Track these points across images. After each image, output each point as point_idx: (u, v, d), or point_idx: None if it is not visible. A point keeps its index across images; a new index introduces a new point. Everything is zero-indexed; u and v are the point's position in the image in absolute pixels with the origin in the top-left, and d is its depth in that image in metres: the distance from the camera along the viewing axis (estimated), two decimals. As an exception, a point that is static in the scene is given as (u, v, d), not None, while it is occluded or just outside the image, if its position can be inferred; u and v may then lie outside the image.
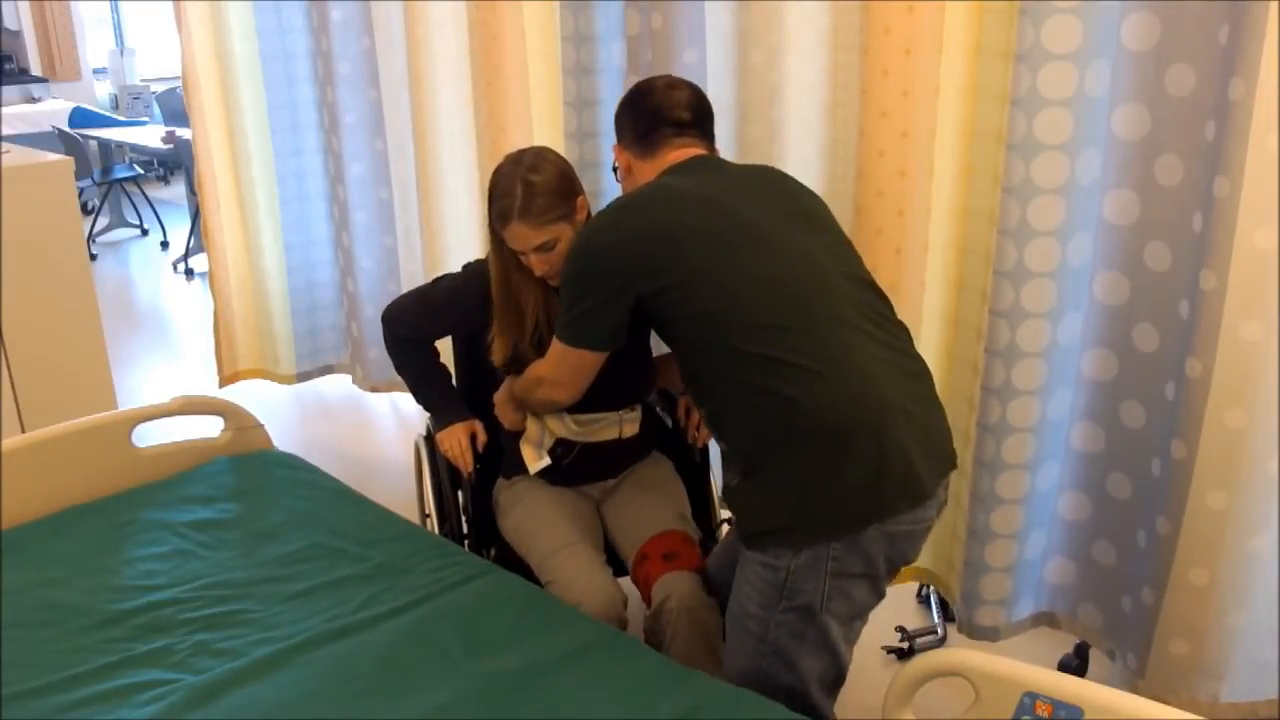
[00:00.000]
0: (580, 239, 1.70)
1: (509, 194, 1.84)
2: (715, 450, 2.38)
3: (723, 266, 1.58)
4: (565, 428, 2.05)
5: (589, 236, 1.68)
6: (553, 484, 2.11)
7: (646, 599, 1.93)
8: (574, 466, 2.09)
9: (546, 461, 2.05)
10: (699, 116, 1.83)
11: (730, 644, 1.71)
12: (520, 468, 2.10)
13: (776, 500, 1.56)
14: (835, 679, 1.67)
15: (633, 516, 2.08)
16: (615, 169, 1.91)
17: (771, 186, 1.75)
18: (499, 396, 2.07)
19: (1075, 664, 2.31)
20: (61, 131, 6.36)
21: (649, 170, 1.81)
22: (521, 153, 1.90)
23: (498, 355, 1.99)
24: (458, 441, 2.13)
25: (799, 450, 1.52)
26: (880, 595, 1.64)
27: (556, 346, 1.75)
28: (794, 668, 1.63)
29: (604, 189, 2.64)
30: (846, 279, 1.64)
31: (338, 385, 3.97)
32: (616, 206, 1.70)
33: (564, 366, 1.76)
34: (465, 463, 2.12)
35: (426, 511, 2.46)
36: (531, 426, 2.06)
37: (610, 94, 2.63)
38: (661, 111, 1.80)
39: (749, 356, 1.55)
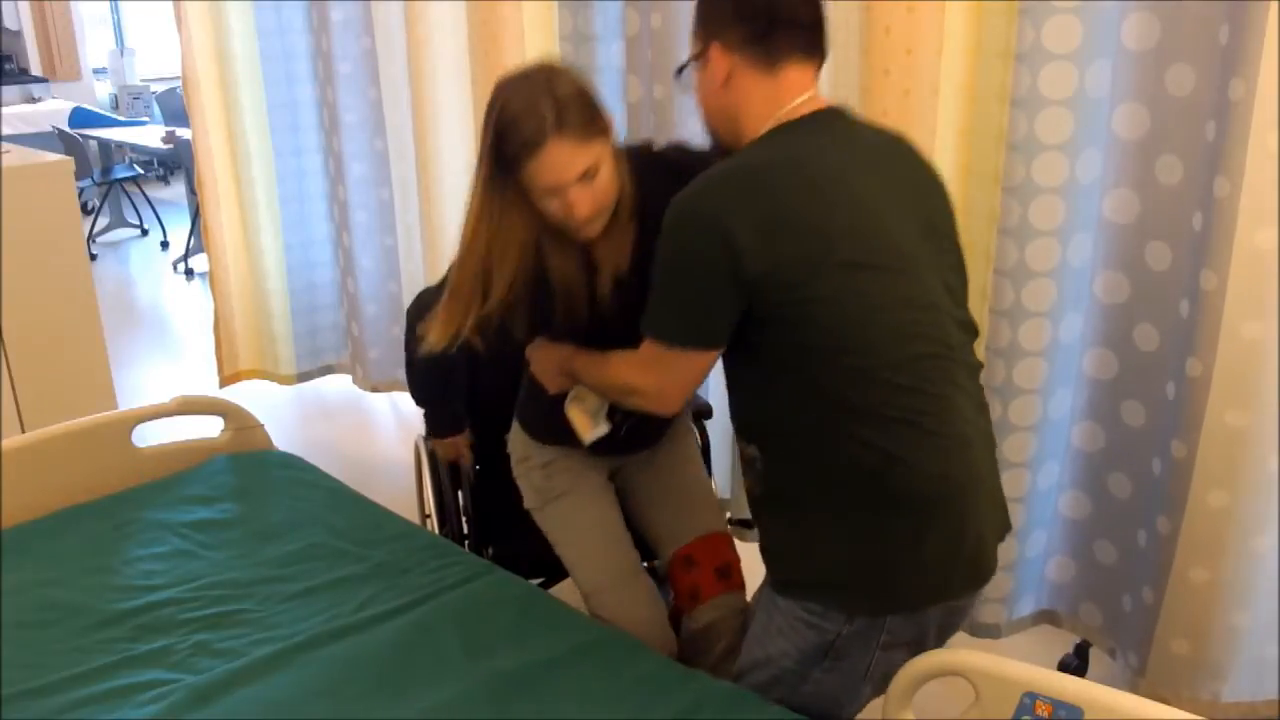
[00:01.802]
0: (690, 206, 1.33)
1: (532, 113, 1.41)
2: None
3: (858, 297, 1.31)
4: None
5: (705, 204, 1.32)
6: (598, 453, 1.83)
7: (682, 601, 1.84)
8: (630, 433, 1.81)
9: (604, 430, 1.74)
10: (821, 20, 1.41)
11: (747, 683, 1.56)
12: (559, 434, 1.79)
13: (834, 556, 1.39)
14: None
15: (672, 504, 1.90)
16: (685, 71, 1.47)
17: (908, 178, 1.43)
18: (543, 361, 1.74)
19: (1075, 664, 2.31)
20: (61, 131, 6.36)
21: (764, 96, 1.39)
22: (523, 70, 1.48)
23: (521, 331, 1.65)
24: (449, 450, 2.15)
25: (882, 513, 1.35)
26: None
27: (656, 351, 1.40)
28: (822, 717, 1.51)
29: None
30: (959, 326, 1.42)
31: (338, 385, 3.97)
32: (739, 172, 1.33)
33: (671, 374, 1.41)
34: (466, 459, 2.15)
35: (426, 511, 2.46)
36: (589, 392, 1.72)
37: (610, 94, 2.63)
38: (782, 6, 1.37)
39: (858, 409, 1.32)
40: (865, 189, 1.35)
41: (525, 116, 1.42)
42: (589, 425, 1.72)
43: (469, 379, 2.50)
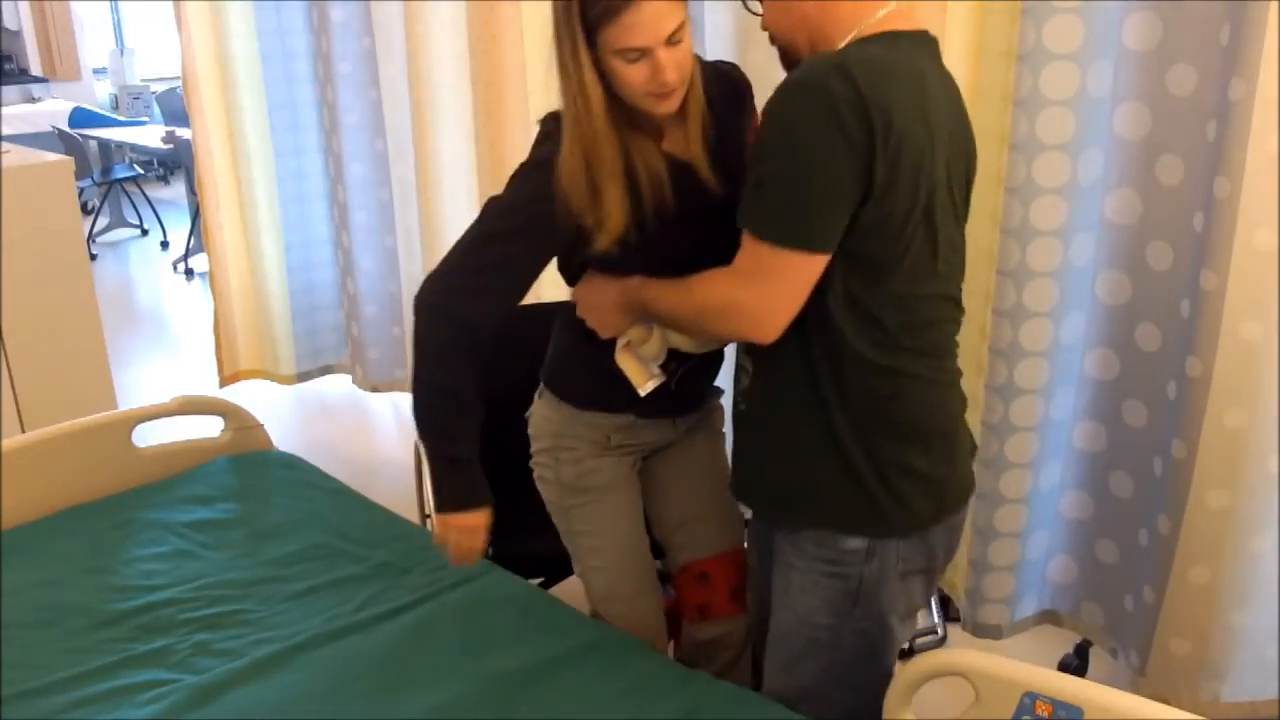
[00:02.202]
0: (804, 86, 1.21)
1: None
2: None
3: (925, 226, 1.27)
4: (683, 336, 1.56)
5: (826, 87, 1.19)
6: (646, 416, 1.66)
7: (688, 612, 1.79)
8: (679, 390, 1.64)
9: (659, 380, 1.58)
10: None
11: (784, 658, 1.52)
12: (605, 396, 1.63)
13: (840, 483, 1.37)
14: (888, 681, 1.51)
15: (695, 512, 1.77)
16: None
17: (964, 133, 1.38)
18: (599, 297, 1.54)
19: (1075, 664, 2.31)
20: (61, 131, 6.36)
21: (854, 3, 1.30)
22: None
23: (607, 239, 1.43)
24: (470, 536, 1.58)
25: (886, 440, 1.35)
26: (932, 592, 1.51)
27: (761, 256, 1.25)
28: (865, 674, 1.49)
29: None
30: (959, 277, 1.43)
31: (338, 385, 3.97)
32: (876, 63, 1.22)
33: (778, 285, 1.26)
34: (459, 562, 1.63)
35: (426, 512, 2.46)
36: (649, 335, 1.55)
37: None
38: None
39: (887, 332, 1.31)
40: (945, 127, 1.31)
41: None
42: (643, 374, 1.56)
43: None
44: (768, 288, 1.27)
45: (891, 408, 1.35)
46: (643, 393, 1.57)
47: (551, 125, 1.46)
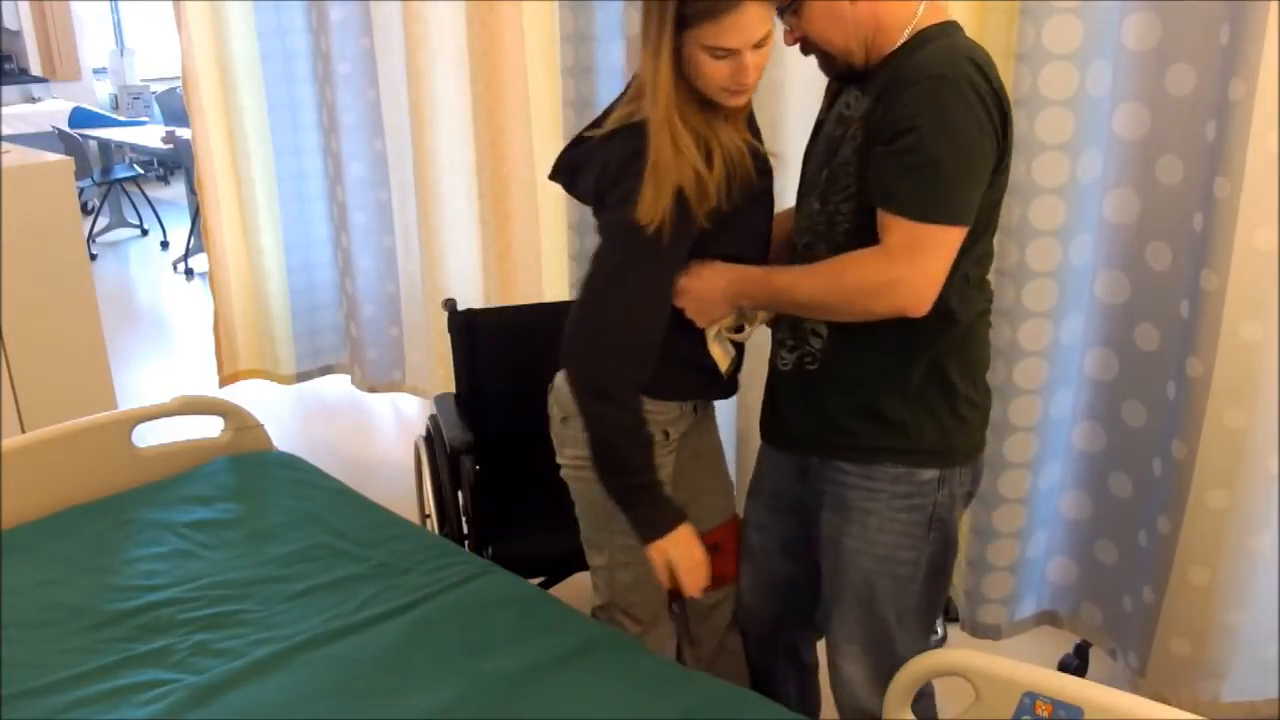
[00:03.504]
0: (951, 79, 1.33)
1: None
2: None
3: (999, 189, 1.43)
4: (760, 316, 1.62)
5: (969, 77, 1.33)
6: (722, 398, 1.72)
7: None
8: (733, 372, 1.70)
9: (732, 356, 1.65)
10: None
11: (863, 599, 1.57)
12: (683, 384, 1.64)
13: (926, 422, 1.49)
14: (946, 592, 1.67)
15: (705, 483, 1.80)
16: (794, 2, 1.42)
17: None
18: (708, 283, 1.53)
19: (1075, 664, 2.31)
20: (61, 131, 6.36)
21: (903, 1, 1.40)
22: None
23: (706, 206, 1.47)
24: (691, 550, 1.56)
25: (967, 374, 1.50)
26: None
27: (915, 233, 1.34)
28: (937, 591, 1.60)
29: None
30: None
31: (338, 385, 3.97)
32: (973, 51, 1.37)
33: (932, 259, 1.35)
34: (699, 584, 1.58)
35: (426, 512, 2.46)
36: (741, 321, 1.61)
37: (610, 94, 2.63)
38: None
39: (969, 285, 1.45)
40: None
41: None
42: (726, 359, 1.63)
43: (471, 379, 2.50)
44: (925, 262, 1.35)
45: (965, 349, 1.49)
46: (725, 372, 1.64)
47: (635, 141, 1.46)
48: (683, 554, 1.55)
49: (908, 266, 1.35)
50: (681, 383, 1.63)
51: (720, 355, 1.62)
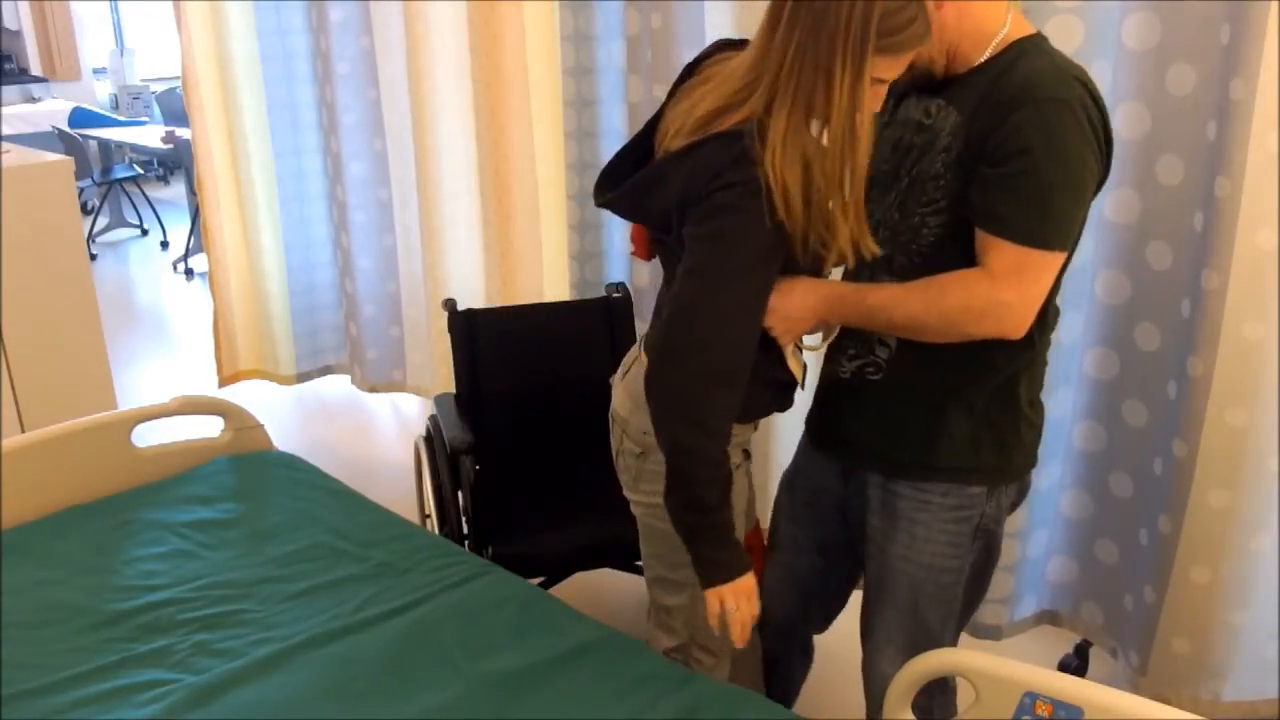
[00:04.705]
0: (1063, 102, 1.31)
1: (916, 13, 1.28)
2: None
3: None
4: (835, 328, 1.59)
5: (1081, 100, 1.32)
6: (784, 410, 1.62)
7: None
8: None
9: (805, 368, 1.63)
10: None
11: (908, 605, 1.58)
12: (762, 403, 1.57)
13: (986, 440, 1.49)
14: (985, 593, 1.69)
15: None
16: None
17: None
18: (796, 307, 1.46)
19: (1075, 664, 2.31)
20: (61, 131, 6.36)
21: (983, 10, 1.38)
22: None
23: (849, 252, 1.40)
24: (750, 600, 1.48)
25: (1030, 395, 1.51)
26: None
27: (1024, 257, 1.34)
28: (978, 591, 1.63)
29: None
30: None
31: (337, 385, 3.97)
32: (1073, 72, 1.34)
33: (1039, 283, 1.36)
34: (747, 637, 1.50)
35: (426, 512, 2.46)
36: (817, 335, 1.60)
37: (610, 94, 2.63)
38: None
39: (1047, 312, 1.45)
40: None
41: (911, 15, 1.27)
42: (800, 367, 1.59)
43: (471, 379, 2.49)
44: (1030, 286, 1.36)
45: (1033, 369, 1.50)
46: (802, 385, 1.60)
47: (738, 145, 1.33)
48: (742, 605, 1.46)
49: (1012, 290, 1.35)
50: (761, 401, 1.55)
51: (798, 369, 1.58)
